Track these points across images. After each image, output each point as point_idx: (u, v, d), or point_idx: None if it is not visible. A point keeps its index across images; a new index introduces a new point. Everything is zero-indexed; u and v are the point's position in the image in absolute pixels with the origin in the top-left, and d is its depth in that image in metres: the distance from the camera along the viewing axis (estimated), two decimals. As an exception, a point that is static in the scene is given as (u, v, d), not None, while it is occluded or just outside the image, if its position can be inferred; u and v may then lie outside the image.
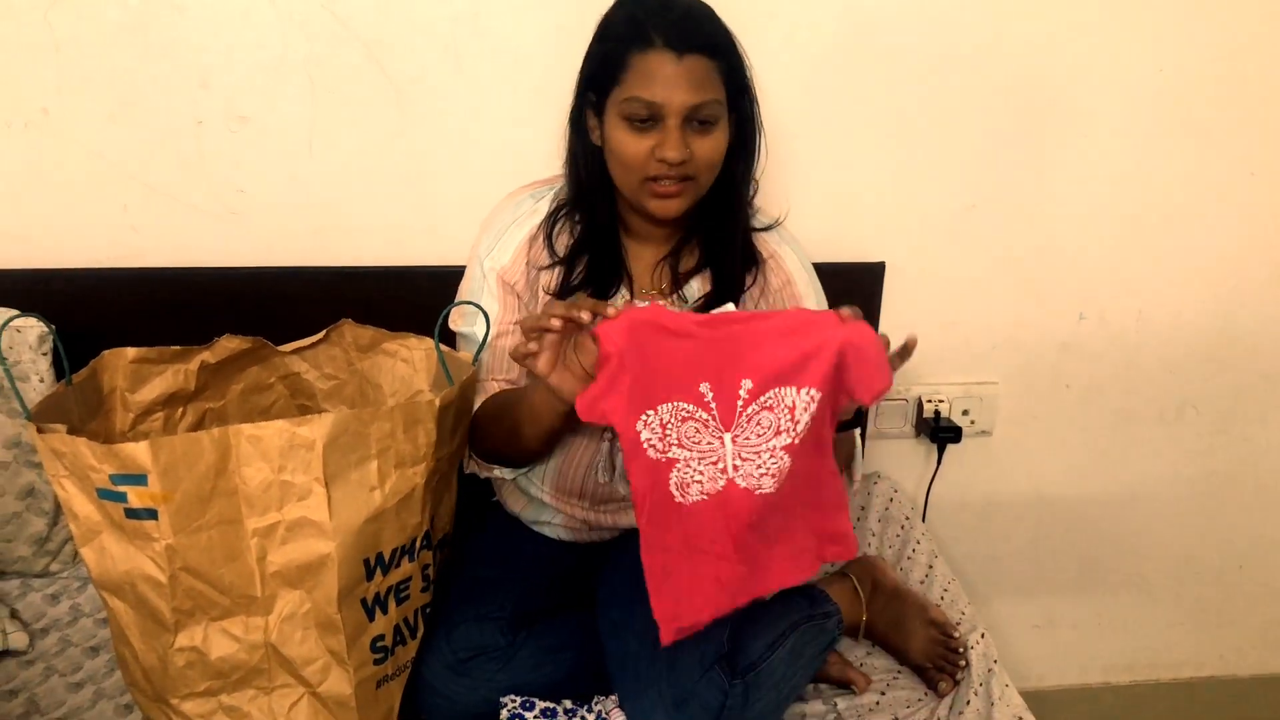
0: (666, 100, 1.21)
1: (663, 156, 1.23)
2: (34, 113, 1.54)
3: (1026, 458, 2.05)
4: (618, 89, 1.23)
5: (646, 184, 1.27)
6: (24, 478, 1.54)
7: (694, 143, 1.24)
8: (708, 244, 1.39)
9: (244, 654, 1.16)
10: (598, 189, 1.34)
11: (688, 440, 1.14)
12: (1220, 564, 2.21)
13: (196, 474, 1.08)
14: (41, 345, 1.50)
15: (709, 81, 1.22)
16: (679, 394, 1.13)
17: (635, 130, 1.24)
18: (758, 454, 1.15)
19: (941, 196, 1.80)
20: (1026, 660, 2.26)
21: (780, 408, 1.13)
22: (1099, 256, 1.89)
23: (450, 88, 1.61)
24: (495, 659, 1.32)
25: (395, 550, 1.20)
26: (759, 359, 1.12)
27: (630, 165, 1.26)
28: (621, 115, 1.24)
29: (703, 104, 1.22)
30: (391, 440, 1.15)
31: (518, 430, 1.26)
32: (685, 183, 1.27)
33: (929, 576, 1.68)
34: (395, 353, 1.46)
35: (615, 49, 1.23)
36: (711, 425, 1.14)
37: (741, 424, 1.14)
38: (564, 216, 1.38)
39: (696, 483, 1.16)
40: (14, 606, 1.53)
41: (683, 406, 1.13)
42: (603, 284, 1.36)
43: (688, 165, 1.24)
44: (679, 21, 1.21)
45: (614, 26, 1.26)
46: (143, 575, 1.11)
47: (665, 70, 1.20)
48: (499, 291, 1.37)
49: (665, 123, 1.22)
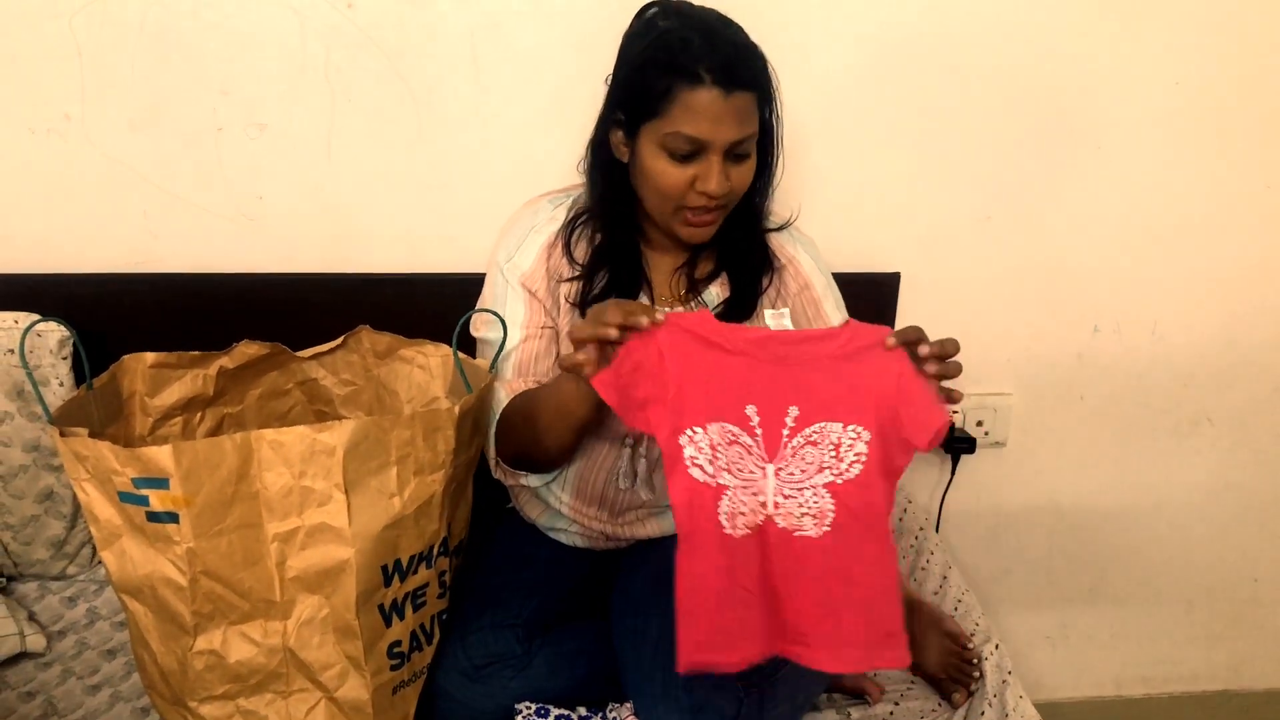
0: (713, 137, 1.21)
1: (705, 189, 1.24)
2: (56, 119, 1.56)
3: (1041, 469, 2.05)
4: (659, 120, 1.22)
5: (680, 211, 1.28)
6: (43, 481, 1.55)
7: (731, 173, 1.25)
8: (724, 252, 1.40)
9: (262, 658, 1.16)
10: (620, 202, 1.35)
11: (735, 466, 1.09)
12: (1234, 576, 2.21)
13: (218, 478, 1.09)
14: (61, 350, 1.51)
15: (751, 115, 1.23)
16: (727, 414, 1.08)
17: (675, 162, 1.24)
18: (800, 491, 1.09)
19: (957, 207, 1.81)
20: (1040, 672, 2.25)
21: (825, 443, 1.08)
22: (1114, 269, 1.89)
23: (469, 96, 1.62)
24: (510, 666, 1.32)
25: (413, 557, 1.20)
26: (808, 384, 1.08)
27: (668, 194, 1.26)
28: (662, 146, 1.23)
29: (745, 139, 1.23)
30: (411, 447, 1.16)
31: (545, 426, 1.24)
32: (718, 211, 1.29)
33: (943, 587, 1.68)
34: (412, 359, 1.47)
35: (660, 81, 1.21)
36: (755, 453, 1.09)
37: (786, 456, 1.09)
38: (582, 224, 1.38)
39: (742, 515, 1.10)
40: (32, 609, 1.54)
41: (729, 428, 1.09)
42: (623, 294, 1.36)
43: (726, 195, 1.26)
44: (729, 60, 1.20)
45: (657, 55, 1.22)
46: (163, 578, 1.12)
47: (714, 109, 1.20)
48: (523, 295, 1.37)
49: (708, 157, 1.23)
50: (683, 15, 1.25)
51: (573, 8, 1.58)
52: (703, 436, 1.07)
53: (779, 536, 1.10)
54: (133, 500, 1.08)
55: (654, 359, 1.06)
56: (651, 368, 1.06)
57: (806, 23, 1.64)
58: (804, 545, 1.09)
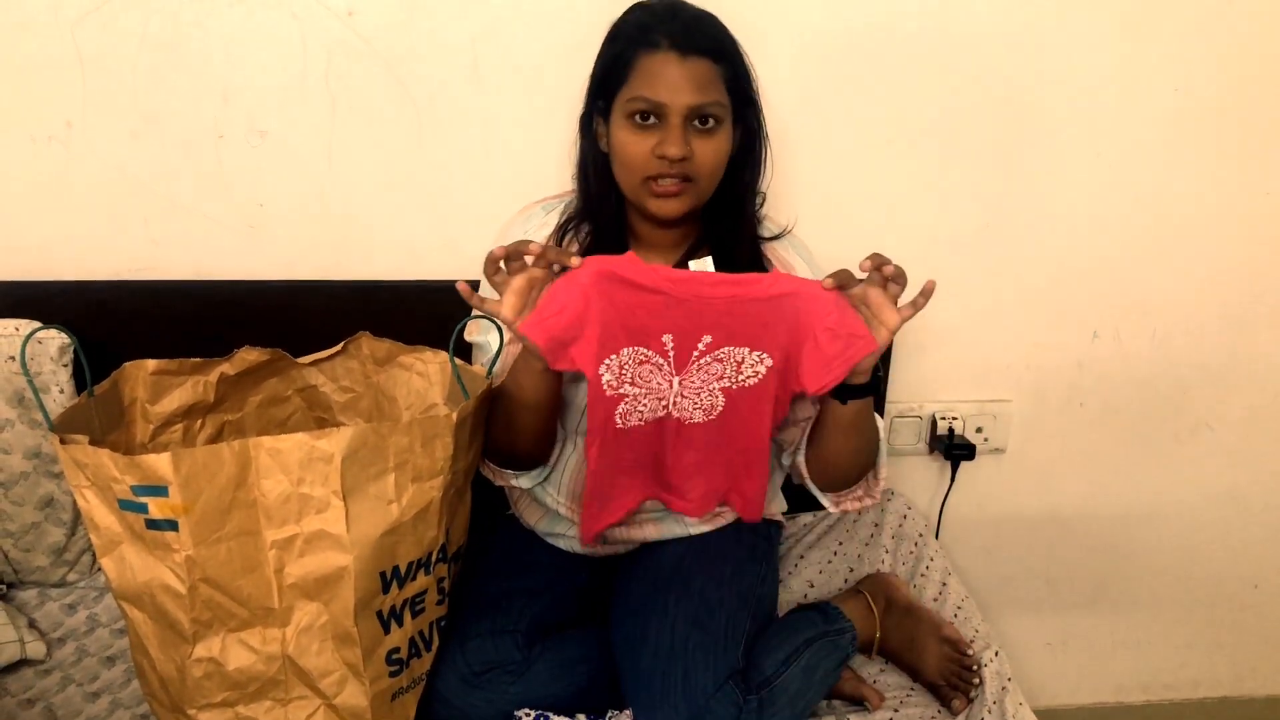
0: (670, 100, 1.23)
1: (663, 153, 1.25)
2: (58, 126, 1.56)
3: (1041, 476, 2.05)
4: (624, 89, 1.26)
5: (647, 183, 1.28)
6: (43, 488, 1.55)
7: (695, 143, 1.26)
8: (715, 252, 1.40)
9: (261, 665, 1.16)
10: (606, 196, 1.36)
11: (641, 380, 1.26)
12: (1235, 583, 2.21)
13: (217, 486, 1.09)
14: (62, 357, 1.52)
15: (712, 84, 1.25)
16: (641, 341, 1.23)
17: (638, 129, 1.26)
18: (698, 394, 1.29)
19: (955, 214, 1.81)
20: (1040, 679, 2.25)
21: (729, 360, 1.25)
22: (1114, 275, 1.89)
23: (469, 103, 1.62)
24: (510, 672, 1.33)
25: (412, 563, 1.20)
26: (725, 322, 1.22)
27: (632, 164, 1.28)
28: (626, 114, 1.26)
29: (704, 104, 1.24)
30: (409, 454, 1.16)
31: (511, 412, 1.29)
32: (685, 183, 1.28)
33: (942, 594, 1.68)
34: (411, 366, 1.47)
35: (623, 51, 1.26)
36: (665, 370, 1.26)
37: (692, 371, 1.26)
38: (574, 228, 1.39)
39: (637, 413, 1.28)
40: (32, 616, 1.54)
41: (643, 351, 1.24)
42: None
43: (688, 165, 1.26)
44: (685, 26, 1.25)
45: (623, 30, 1.29)
46: (162, 586, 1.12)
47: (669, 70, 1.23)
48: None
49: (668, 121, 1.24)
50: (658, 5, 1.30)
51: (573, 15, 1.59)
52: (614, 360, 1.22)
53: (673, 425, 1.31)
54: (132, 508, 1.09)
55: (578, 301, 1.17)
56: (575, 309, 1.17)
57: (800, 24, 1.65)
58: (690, 428, 1.32)
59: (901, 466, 1.99)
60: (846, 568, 1.76)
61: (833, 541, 1.82)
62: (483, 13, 1.58)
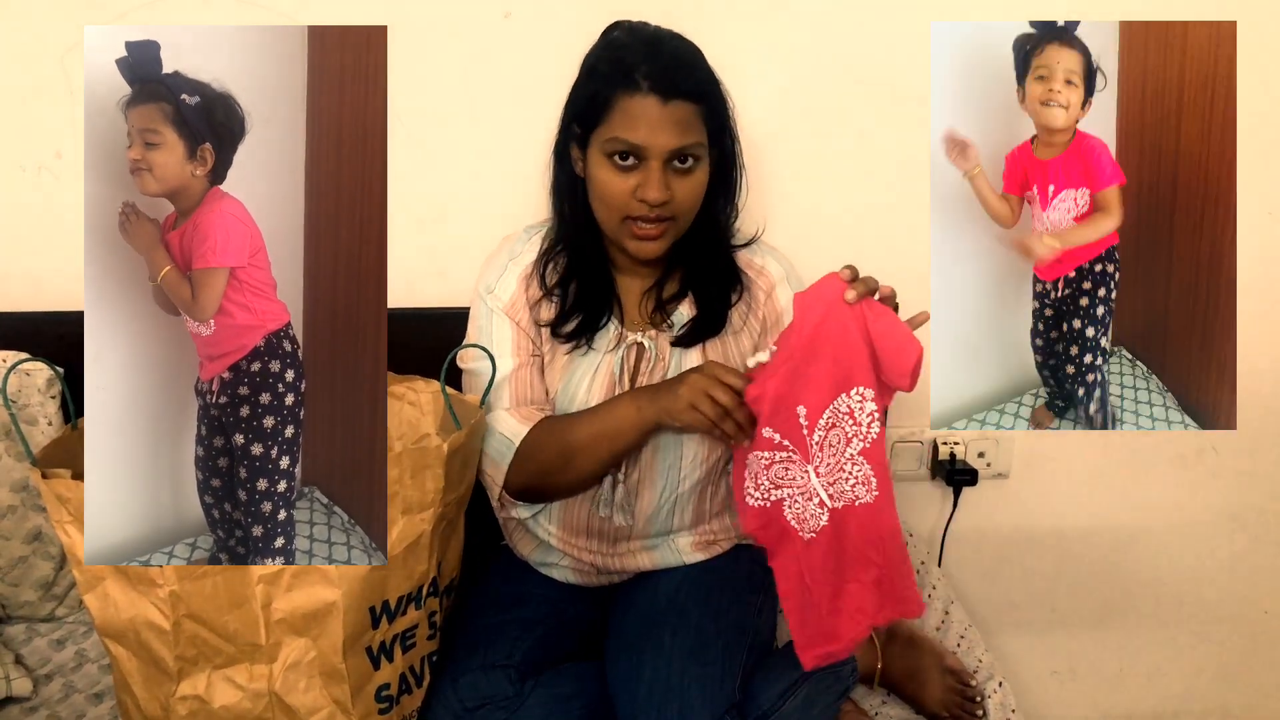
0: (650, 143, 1.23)
1: (644, 197, 1.25)
2: (47, 156, 1.55)
3: (1044, 501, 2.02)
4: (602, 127, 1.25)
5: (627, 223, 1.29)
6: (31, 521, 1.53)
7: (674, 183, 1.26)
8: (689, 272, 1.41)
9: (248, 703, 1.14)
10: (582, 220, 1.36)
11: (783, 480, 1.23)
12: (1245, 609, 2.18)
13: (201, 520, 1.07)
14: (50, 388, 1.50)
15: (692, 125, 1.25)
16: (756, 445, 1.22)
17: (617, 169, 1.25)
18: (842, 471, 1.20)
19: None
20: (1045, 707, 2.22)
21: (841, 419, 1.18)
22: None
23: (461, 130, 1.61)
24: (503, 708, 1.30)
25: (402, 598, 1.18)
26: (800, 380, 1.18)
27: (611, 204, 1.28)
28: (604, 153, 1.26)
29: (685, 147, 1.24)
30: (399, 486, 1.14)
31: (584, 447, 1.30)
32: (665, 223, 1.28)
33: (945, 622, 1.66)
34: (402, 395, 1.46)
35: (602, 89, 1.25)
36: (797, 461, 1.21)
37: (816, 453, 1.20)
38: (556, 253, 1.40)
39: (807, 520, 1.23)
40: (19, 652, 1.52)
41: (761, 456, 1.22)
42: (593, 313, 1.38)
43: (668, 206, 1.26)
44: (666, 68, 1.23)
45: (601, 64, 1.28)
46: (146, 622, 1.10)
47: (650, 114, 1.22)
48: (509, 322, 1.38)
49: (648, 164, 1.24)
50: (636, 31, 1.30)
51: (565, 41, 1.56)
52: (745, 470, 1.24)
53: (844, 515, 1.22)
54: (114, 543, 1.07)
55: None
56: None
57: (766, 40, 1.64)
58: (865, 510, 1.21)
59: (903, 493, 1.96)
60: (847, 596, 1.74)
61: (833, 570, 1.79)
62: (474, 37, 1.57)
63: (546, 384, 1.39)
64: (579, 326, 1.37)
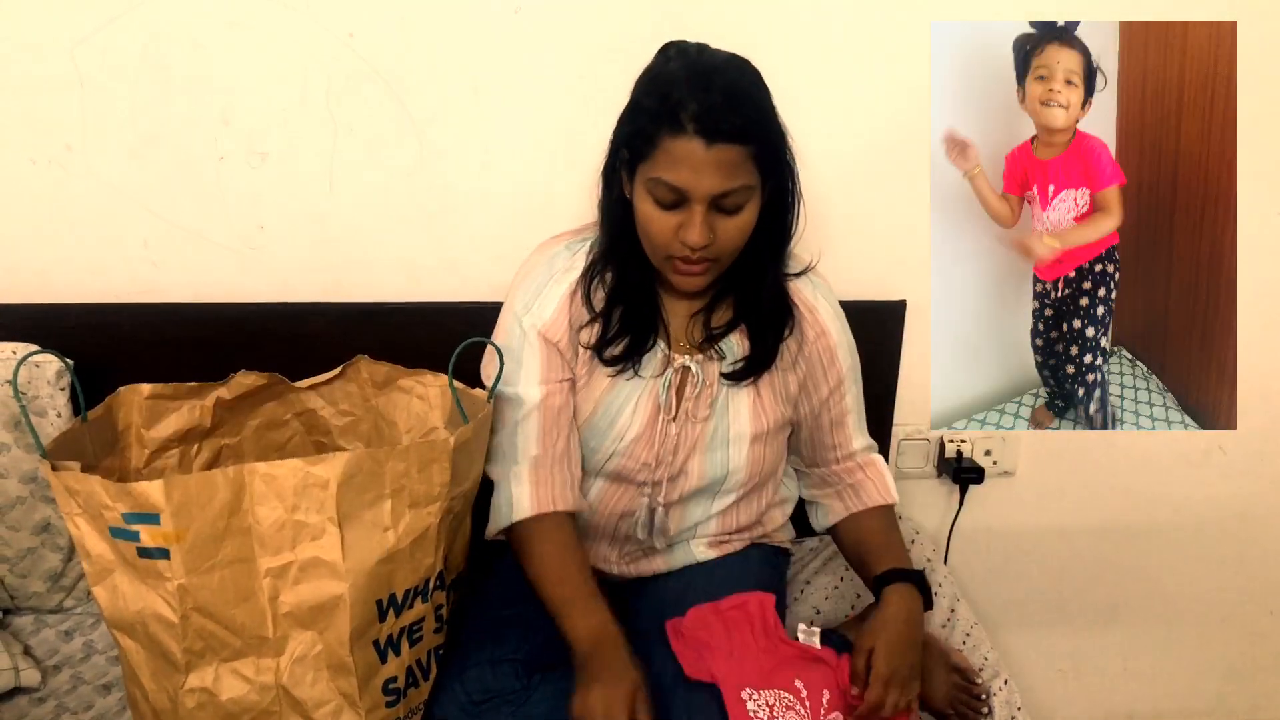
0: (693, 187, 1.18)
1: (685, 239, 1.21)
2: (57, 149, 1.55)
3: (1050, 499, 2.02)
4: (646, 164, 1.21)
5: (671, 260, 1.26)
6: (40, 513, 1.54)
7: (718, 225, 1.22)
8: (741, 301, 1.37)
9: (255, 695, 1.15)
10: (634, 249, 1.31)
11: None
12: (1250, 608, 2.18)
13: (209, 513, 1.07)
14: (60, 380, 1.51)
15: (739, 168, 1.18)
16: (779, 684, 1.28)
17: (661, 208, 1.22)
18: None
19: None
20: (1051, 705, 2.22)
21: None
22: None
23: (470, 124, 1.61)
24: (509, 702, 1.30)
25: (408, 591, 1.19)
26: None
27: (654, 240, 1.24)
28: (649, 191, 1.22)
29: (729, 191, 1.19)
30: (406, 479, 1.14)
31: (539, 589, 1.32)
32: (707, 263, 1.25)
33: (951, 620, 1.66)
34: (411, 389, 1.46)
35: (647, 125, 1.19)
36: (805, 714, 1.27)
37: None
38: (600, 271, 1.36)
39: None
40: (27, 643, 1.52)
41: (784, 695, 1.27)
42: (639, 335, 1.35)
43: (710, 248, 1.23)
44: (713, 108, 1.15)
45: (647, 99, 1.21)
46: (154, 615, 1.11)
47: (694, 157, 1.16)
48: (540, 348, 1.35)
49: (690, 205, 1.20)
50: (688, 57, 1.22)
51: (572, 36, 1.58)
52: (759, 696, 1.26)
53: None
54: (124, 536, 1.07)
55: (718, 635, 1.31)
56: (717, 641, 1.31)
57: (766, 39, 1.62)
58: None
59: (909, 491, 1.97)
60: (854, 593, 1.73)
61: (839, 566, 1.79)
62: (482, 32, 1.57)
63: (579, 402, 1.37)
64: (626, 350, 1.35)
